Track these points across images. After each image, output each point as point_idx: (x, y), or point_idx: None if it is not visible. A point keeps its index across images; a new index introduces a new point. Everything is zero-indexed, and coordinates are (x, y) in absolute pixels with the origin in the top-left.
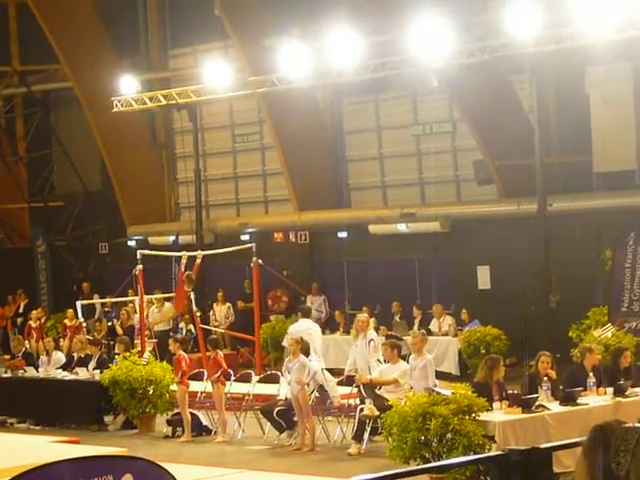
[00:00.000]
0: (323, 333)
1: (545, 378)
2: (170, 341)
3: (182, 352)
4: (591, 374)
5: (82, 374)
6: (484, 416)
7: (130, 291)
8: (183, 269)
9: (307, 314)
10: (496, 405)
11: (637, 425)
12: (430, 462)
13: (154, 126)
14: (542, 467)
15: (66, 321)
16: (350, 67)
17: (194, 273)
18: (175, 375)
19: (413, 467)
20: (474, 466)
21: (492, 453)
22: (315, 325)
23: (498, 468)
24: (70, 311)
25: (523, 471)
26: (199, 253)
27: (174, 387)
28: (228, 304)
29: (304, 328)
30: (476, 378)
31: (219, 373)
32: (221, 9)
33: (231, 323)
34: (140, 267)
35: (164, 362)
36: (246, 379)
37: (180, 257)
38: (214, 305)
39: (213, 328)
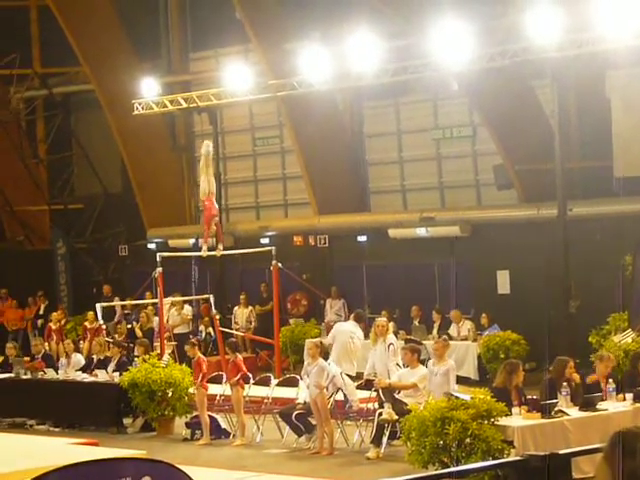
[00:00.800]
0: None
1: (565, 383)
2: (186, 347)
3: (200, 355)
4: (611, 380)
5: (101, 376)
6: (503, 421)
7: (148, 294)
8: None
9: (360, 319)
10: (515, 410)
11: None
12: (449, 467)
13: (174, 129)
14: (561, 473)
15: (86, 323)
16: (370, 71)
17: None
18: (194, 378)
19: (431, 472)
20: (493, 471)
21: (511, 458)
22: (360, 331)
23: (517, 473)
24: (90, 313)
25: (542, 477)
26: (219, 252)
27: (193, 390)
28: (250, 307)
29: (348, 329)
30: (495, 383)
31: (238, 376)
32: (242, 12)
33: (254, 327)
34: (160, 270)
35: (183, 365)
36: (265, 382)
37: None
38: (235, 308)
39: (232, 331)
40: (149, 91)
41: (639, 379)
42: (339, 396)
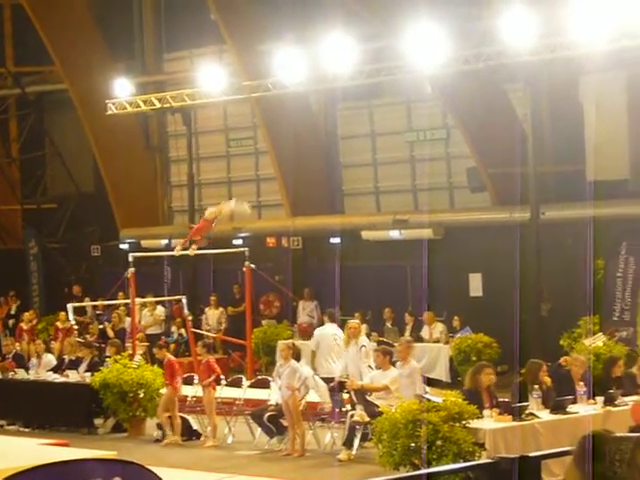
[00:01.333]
0: None
1: (536, 386)
2: (155, 349)
3: (170, 356)
4: (581, 383)
5: (73, 377)
6: (474, 423)
7: (120, 294)
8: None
9: (334, 319)
10: (486, 413)
11: (630, 435)
12: (420, 469)
13: (148, 129)
14: (531, 475)
15: (58, 323)
16: (344, 72)
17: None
18: (166, 379)
19: (403, 474)
20: (464, 474)
21: (482, 461)
22: (340, 332)
23: (487, 476)
24: (62, 313)
25: (512, 479)
26: (192, 251)
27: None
28: (221, 309)
29: (330, 333)
30: (465, 385)
31: (212, 377)
32: (217, 13)
33: (224, 329)
34: (132, 270)
35: (155, 365)
36: (237, 384)
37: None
38: (206, 309)
39: (204, 332)
40: (123, 91)
41: (611, 383)
42: (311, 397)
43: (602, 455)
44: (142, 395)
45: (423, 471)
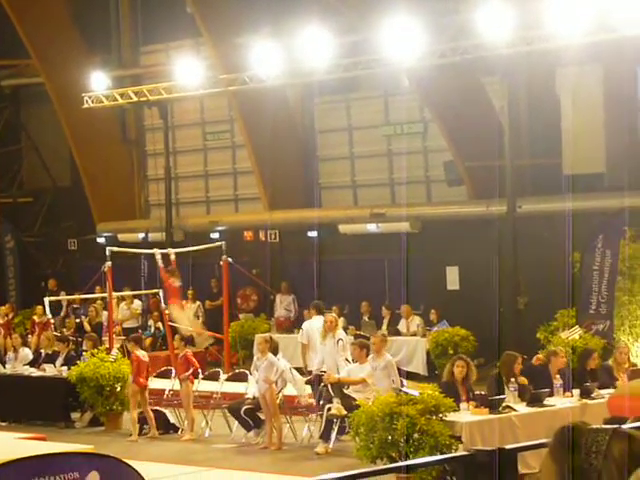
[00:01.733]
0: (291, 332)
1: (512, 379)
2: (129, 344)
3: (138, 351)
4: (558, 376)
5: (49, 371)
6: (451, 416)
7: (97, 288)
8: (161, 265)
9: (321, 310)
10: (463, 405)
11: (606, 427)
12: (397, 462)
13: (125, 123)
14: (508, 467)
15: (35, 317)
16: (321, 66)
17: (172, 267)
18: (132, 373)
19: (381, 466)
20: (441, 466)
21: (458, 453)
22: None
23: (464, 468)
24: (39, 307)
25: (489, 471)
26: (170, 251)
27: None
28: (198, 303)
29: (319, 325)
30: (443, 377)
31: (190, 371)
32: (193, 6)
33: (202, 322)
34: (109, 264)
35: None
36: (214, 377)
37: (152, 254)
38: (183, 302)
39: (182, 326)
40: (99, 84)
41: (586, 376)
42: (288, 391)
43: (578, 447)
44: (119, 389)
45: (401, 463)
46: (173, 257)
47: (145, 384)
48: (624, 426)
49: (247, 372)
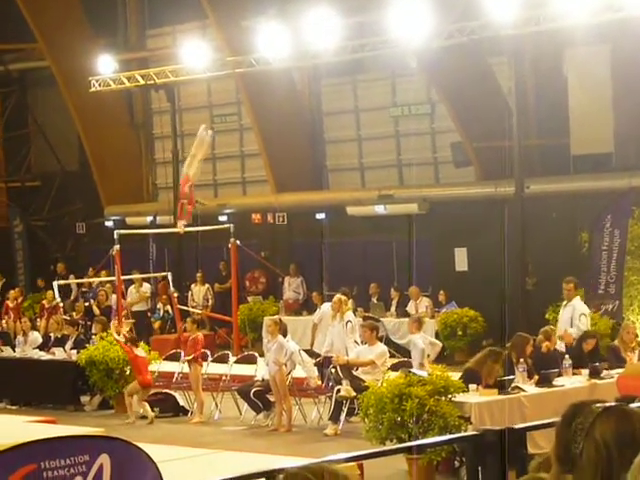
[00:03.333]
0: (300, 315)
1: (522, 360)
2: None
3: (138, 351)
4: (567, 356)
5: (59, 354)
6: (460, 397)
7: (103, 273)
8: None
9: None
10: (472, 387)
11: (604, 405)
12: (406, 443)
13: (132, 106)
14: (516, 447)
15: (44, 302)
16: (328, 48)
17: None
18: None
19: (390, 446)
20: (450, 447)
21: (467, 433)
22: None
23: (473, 448)
24: (49, 292)
25: (498, 451)
26: (180, 229)
27: (151, 367)
28: (207, 285)
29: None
30: (470, 363)
31: (197, 353)
32: None
33: (211, 305)
34: (117, 247)
35: (141, 342)
36: (223, 360)
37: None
38: (192, 286)
39: (190, 309)
40: (106, 68)
41: (584, 357)
42: (297, 373)
43: (570, 424)
44: (128, 372)
45: (410, 443)
46: (182, 231)
47: (149, 382)
48: (634, 404)
49: (256, 354)
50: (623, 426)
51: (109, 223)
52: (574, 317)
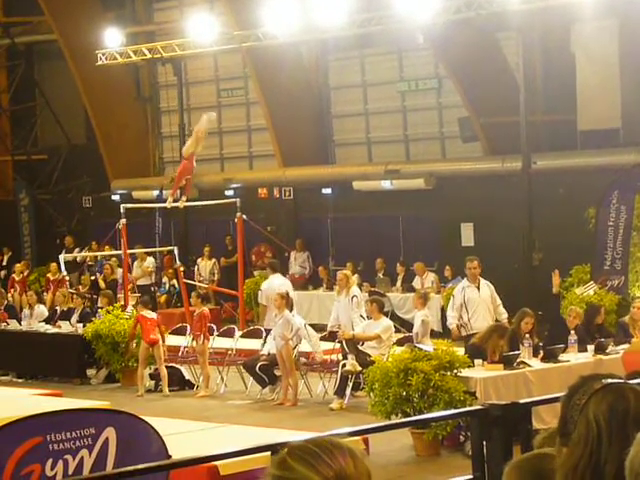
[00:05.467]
0: (306, 289)
1: (527, 335)
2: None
3: (145, 312)
4: (572, 332)
5: (65, 327)
6: (465, 372)
7: (107, 247)
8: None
9: (276, 269)
10: (477, 362)
11: (606, 381)
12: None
13: (139, 80)
14: (521, 422)
15: (49, 275)
16: (336, 22)
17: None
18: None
19: (396, 420)
20: (455, 421)
21: (472, 408)
22: (287, 282)
23: (478, 422)
24: (53, 265)
25: (503, 425)
26: (182, 203)
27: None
28: (214, 260)
29: (278, 284)
30: (475, 339)
31: (203, 329)
32: None
33: (218, 280)
34: (124, 221)
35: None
36: (229, 334)
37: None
38: (199, 260)
39: (197, 283)
40: (113, 41)
41: (594, 332)
42: (303, 347)
43: (570, 399)
44: (134, 345)
45: (415, 417)
46: (182, 206)
47: (154, 340)
48: (635, 380)
49: (262, 328)
50: (617, 405)
51: (115, 197)
52: (492, 293)
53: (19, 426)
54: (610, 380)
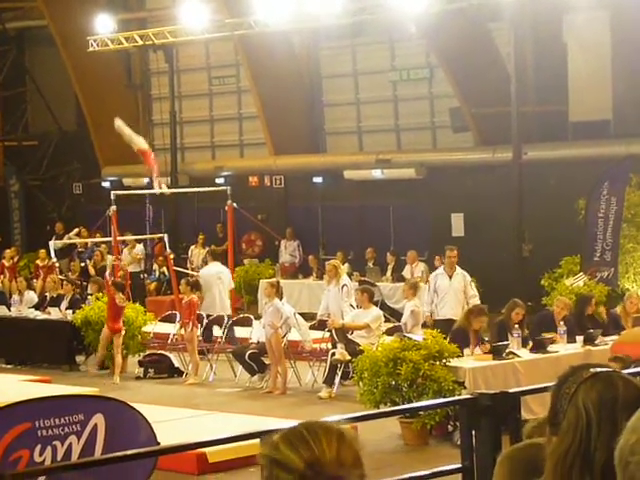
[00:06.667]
0: (296, 278)
1: (516, 325)
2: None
3: (119, 297)
4: (562, 322)
5: (54, 314)
6: (455, 362)
7: (97, 234)
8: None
9: (216, 257)
10: (466, 351)
11: (595, 370)
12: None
13: (130, 67)
14: (510, 411)
15: (38, 261)
16: (328, 11)
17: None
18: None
19: (385, 409)
20: (444, 411)
21: (461, 397)
22: (225, 269)
23: (467, 411)
24: (42, 251)
25: (492, 415)
26: (169, 190)
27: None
28: (207, 248)
29: (214, 272)
30: (456, 324)
31: (191, 317)
32: None
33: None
34: (114, 208)
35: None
36: (219, 322)
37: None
38: (192, 248)
39: (186, 271)
40: (104, 28)
41: (585, 322)
42: (292, 336)
43: (559, 388)
44: (124, 333)
45: (404, 406)
46: (167, 192)
47: (118, 328)
48: (628, 370)
49: (251, 317)
50: (606, 394)
51: (106, 184)
52: (466, 285)
53: (7, 412)
54: (599, 369)
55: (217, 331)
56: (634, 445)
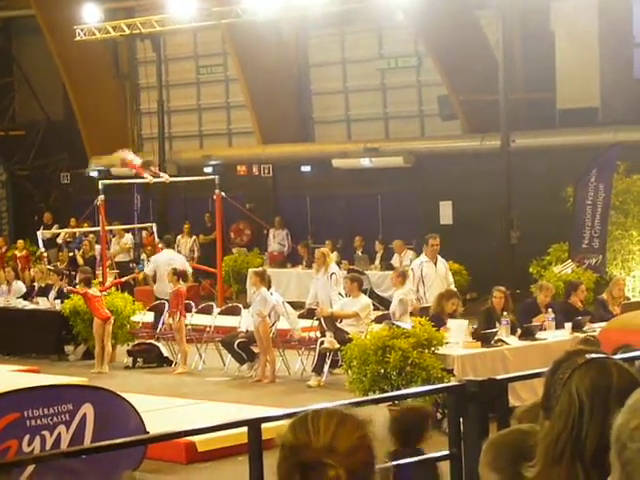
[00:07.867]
0: (284, 267)
1: (505, 313)
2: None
3: (90, 290)
4: (550, 310)
5: (43, 304)
6: (443, 350)
7: (85, 224)
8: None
9: (170, 244)
10: (454, 339)
11: (589, 356)
12: None
13: (117, 56)
14: (498, 398)
15: (16, 252)
16: None
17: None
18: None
19: (373, 396)
20: (432, 398)
21: (449, 384)
22: (178, 256)
23: (455, 398)
24: (20, 242)
25: (479, 402)
26: (165, 178)
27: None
28: (194, 237)
29: (166, 259)
30: (432, 310)
31: (179, 307)
32: None
33: (197, 257)
34: (102, 198)
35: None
36: (207, 311)
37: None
38: (179, 237)
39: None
40: (91, 17)
41: (572, 309)
42: (281, 325)
43: (553, 374)
44: (112, 322)
45: (392, 394)
46: (167, 180)
47: (107, 316)
48: (616, 356)
49: (240, 306)
50: (600, 380)
51: (94, 173)
52: (447, 271)
53: None
54: (594, 355)
55: (206, 320)
56: (634, 431)
